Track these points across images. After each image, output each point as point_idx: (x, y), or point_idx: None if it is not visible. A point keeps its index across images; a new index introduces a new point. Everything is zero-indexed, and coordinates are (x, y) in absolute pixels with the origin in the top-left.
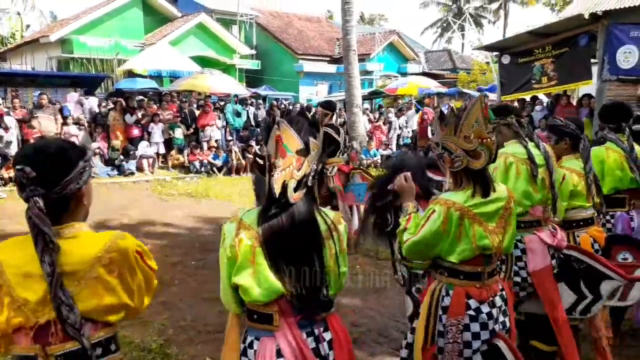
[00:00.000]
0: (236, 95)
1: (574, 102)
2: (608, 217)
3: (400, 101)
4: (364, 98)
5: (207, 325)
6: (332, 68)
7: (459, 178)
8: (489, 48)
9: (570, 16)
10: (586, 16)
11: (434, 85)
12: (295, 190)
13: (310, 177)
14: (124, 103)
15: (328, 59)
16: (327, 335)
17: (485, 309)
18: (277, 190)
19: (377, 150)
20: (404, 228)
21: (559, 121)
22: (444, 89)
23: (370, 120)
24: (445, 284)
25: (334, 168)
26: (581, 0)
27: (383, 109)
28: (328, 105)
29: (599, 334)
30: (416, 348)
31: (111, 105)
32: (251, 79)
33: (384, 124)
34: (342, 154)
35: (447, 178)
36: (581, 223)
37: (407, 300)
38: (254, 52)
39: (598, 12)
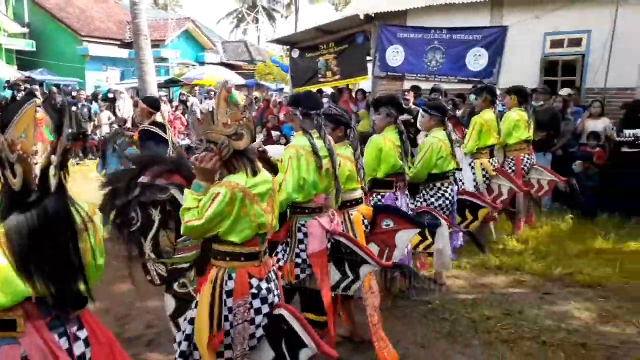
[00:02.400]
0: (8, 81)
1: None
2: (379, 197)
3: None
4: (160, 86)
5: None
6: (123, 53)
7: (231, 165)
8: (280, 41)
9: (349, 16)
10: (361, 17)
11: (232, 76)
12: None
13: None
14: None
15: (118, 42)
16: (82, 333)
17: (264, 284)
18: (37, 177)
19: (177, 140)
20: (188, 207)
21: (335, 110)
22: (242, 80)
23: (171, 112)
24: (227, 269)
25: None
26: (358, 1)
27: (185, 97)
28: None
29: (368, 300)
30: (201, 339)
31: None
32: (24, 61)
33: (182, 113)
34: None
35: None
36: (353, 202)
37: (167, 298)
38: (26, 30)
39: (370, 14)
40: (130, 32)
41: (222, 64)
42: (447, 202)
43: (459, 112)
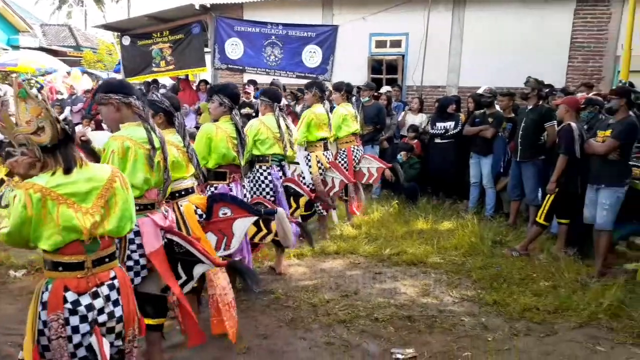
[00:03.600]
0: None
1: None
2: (212, 189)
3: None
4: None
5: None
6: None
7: (46, 163)
8: (109, 27)
9: (184, 5)
10: (197, 7)
11: (53, 63)
12: None
13: None
14: None
15: None
16: None
17: (85, 300)
18: None
19: None
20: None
21: (155, 97)
22: (67, 68)
23: None
24: (46, 279)
25: None
26: None
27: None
28: None
29: (215, 293)
30: (26, 349)
31: None
32: None
33: None
34: None
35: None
36: (183, 193)
37: None
38: None
39: (206, 4)
40: None
41: (41, 49)
42: (264, 185)
43: (299, 107)
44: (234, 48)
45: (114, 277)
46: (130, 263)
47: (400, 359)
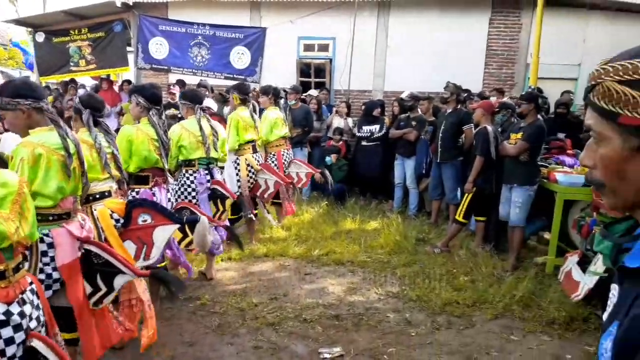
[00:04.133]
0: None
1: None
2: (134, 193)
3: None
4: None
5: None
6: None
7: None
8: (21, 22)
9: (104, 1)
10: (118, 4)
11: None
12: None
13: None
14: None
15: None
16: None
17: (15, 309)
18: None
19: None
20: None
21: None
22: None
23: None
24: None
25: None
26: None
27: None
28: None
29: (131, 297)
30: None
31: None
32: None
33: None
34: None
35: None
36: (97, 196)
37: None
38: None
39: (128, 2)
40: None
41: None
42: (190, 189)
43: (227, 109)
44: (159, 48)
45: (31, 282)
46: (42, 277)
47: (328, 358)
